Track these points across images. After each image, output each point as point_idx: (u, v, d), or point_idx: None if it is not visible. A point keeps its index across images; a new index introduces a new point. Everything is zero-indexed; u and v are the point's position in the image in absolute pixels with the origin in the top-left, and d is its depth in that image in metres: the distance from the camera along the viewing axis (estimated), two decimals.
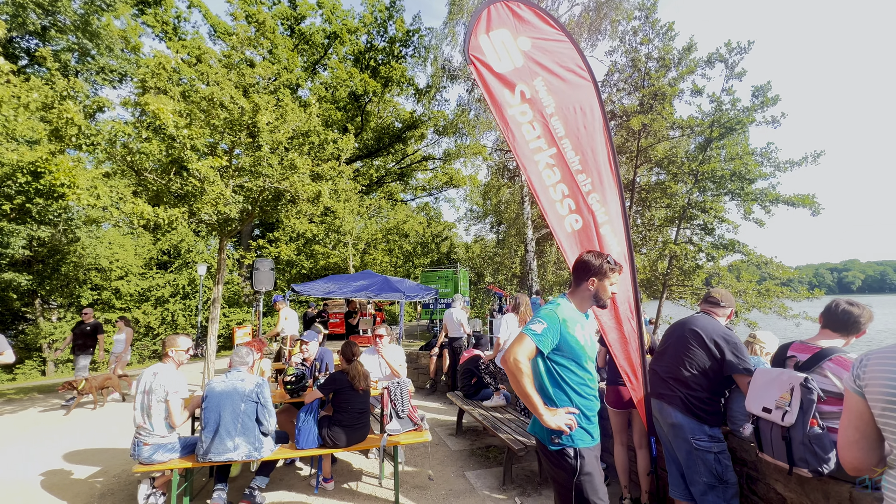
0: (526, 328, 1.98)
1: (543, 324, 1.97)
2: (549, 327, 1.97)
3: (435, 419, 5.89)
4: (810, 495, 2.21)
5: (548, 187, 2.81)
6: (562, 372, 2.01)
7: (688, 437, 2.55)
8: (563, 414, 1.93)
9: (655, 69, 11.16)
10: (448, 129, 21.18)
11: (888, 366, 1.22)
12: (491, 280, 19.69)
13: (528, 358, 1.92)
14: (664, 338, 2.98)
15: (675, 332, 2.82)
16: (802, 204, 9.21)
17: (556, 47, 2.93)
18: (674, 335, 2.80)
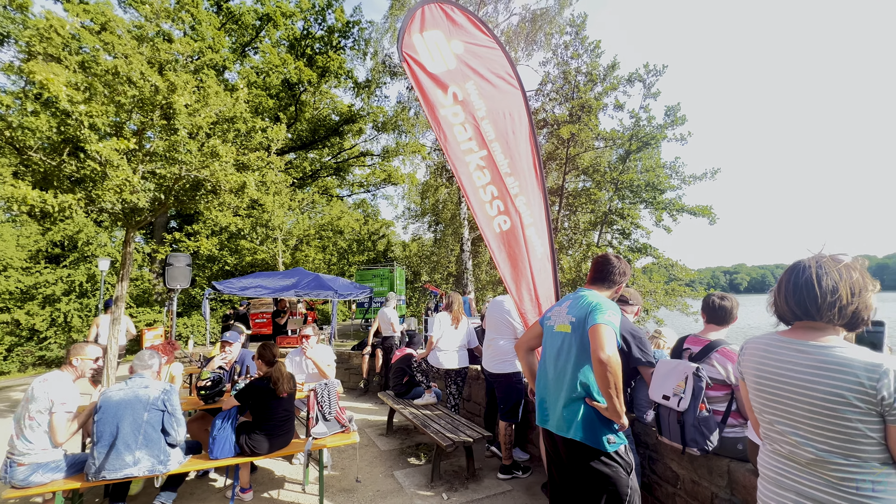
0: (606, 320, 1.85)
1: (618, 315, 1.93)
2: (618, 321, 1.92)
3: (365, 420, 5.78)
4: (698, 471, 2.50)
5: (478, 188, 2.88)
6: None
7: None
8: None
9: (584, 83, 11.96)
10: (387, 126, 20.91)
11: (756, 354, 1.41)
12: (427, 279, 19.79)
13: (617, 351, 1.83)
14: None
15: None
16: (702, 214, 10.42)
17: (487, 53, 3.01)
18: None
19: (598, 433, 1.86)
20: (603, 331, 1.81)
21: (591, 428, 1.87)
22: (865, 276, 1.25)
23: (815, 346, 1.25)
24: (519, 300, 2.91)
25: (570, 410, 1.91)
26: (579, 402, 1.91)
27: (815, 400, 1.21)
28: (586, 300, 2.01)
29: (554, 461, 2.09)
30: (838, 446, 1.18)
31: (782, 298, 1.33)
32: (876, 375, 1.12)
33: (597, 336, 1.81)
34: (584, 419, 1.88)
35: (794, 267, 1.32)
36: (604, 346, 1.77)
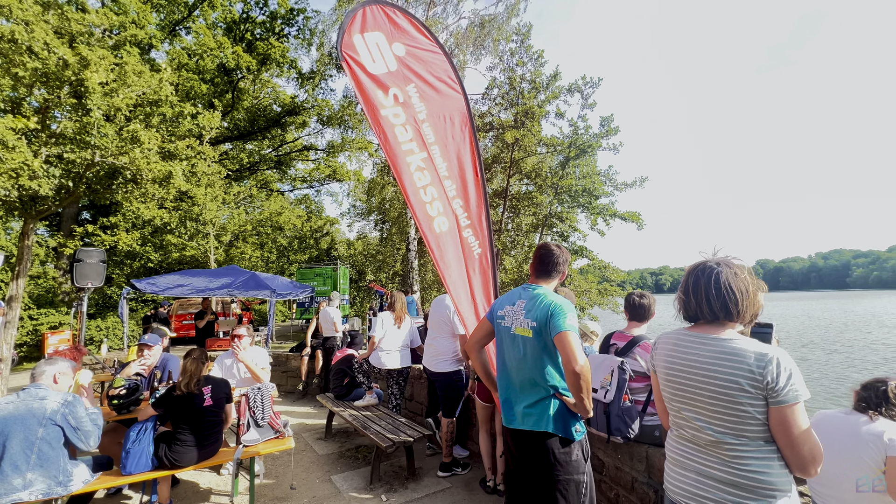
0: (569, 326, 1.92)
1: (575, 316, 2.01)
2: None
3: (303, 424, 5.58)
4: (621, 457, 2.69)
5: (419, 189, 2.89)
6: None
7: None
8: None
9: (528, 90, 12.41)
10: (333, 120, 20.29)
11: (666, 349, 1.55)
12: (373, 278, 19.49)
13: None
14: None
15: None
16: (632, 219, 11.24)
17: (429, 57, 3.04)
18: None
19: (567, 424, 1.98)
20: (571, 339, 1.88)
21: (561, 420, 1.97)
22: (754, 278, 1.42)
23: (715, 339, 1.40)
24: (457, 300, 2.95)
25: (541, 406, 2.00)
26: (549, 399, 1.99)
27: (715, 386, 1.35)
28: (543, 301, 2.04)
29: (517, 458, 2.13)
30: (732, 428, 1.33)
31: (691, 298, 1.46)
32: (763, 363, 1.28)
33: (566, 347, 1.87)
34: (555, 413, 1.98)
35: (697, 268, 1.47)
36: (576, 358, 1.84)
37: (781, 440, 1.28)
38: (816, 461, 1.27)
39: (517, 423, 2.07)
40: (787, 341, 22.46)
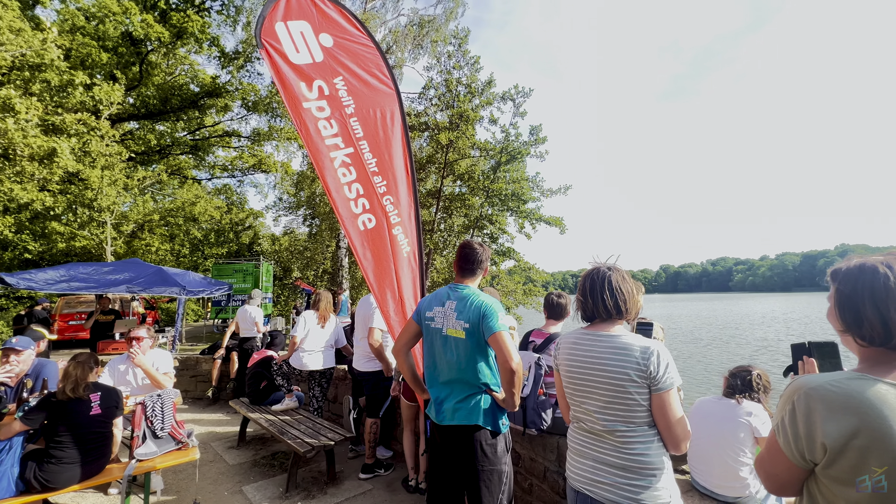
0: (502, 325, 1.98)
1: (505, 315, 2.07)
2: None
3: (212, 433, 5.15)
4: (535, 449, 2.84)
5: (342, 185, 2.81)
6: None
7: None
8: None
9: (464, 94, 12.65)
10: (259, 107, 18.98)
11: (567, 347, 1.67)
12: (299, 276, 18.58)
13: None
14: None
15: None
16: (555, 224, 11.96)
17: (360, 50, 2.97)
18: None
19: (496, 418, 2.07)
20: (506, 339, 1.97)
21: (490, 414, 2.05)
22: (634, 281, 1.65)
23: (607, 336, 1.56)
24: (381, 299, 2.92)
25: (471, 401, 2.06)
26: (479, 394, 2.07)
27: (608, 378, 1.49)
28: (475, 302, 2.08)
29: (444, 453, 2.16)
30: (622, 416, 1.48)
31: (588, 299, 1.63)
32: (647, 355, 1.45)
33: (502, 346, 1.95)
34: (486, 407, 2.05)
35: (592, 273, 1.63)
36: (512, 356, 1.95)
37: (660, 422, 1.46)
38: (686, 438, 1.47)
39: (447, 420, 2.10)
40: (681, 337, 25.40)
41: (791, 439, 0.96)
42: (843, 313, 1.02)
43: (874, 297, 0.96)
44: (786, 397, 1.01)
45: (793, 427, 0.96)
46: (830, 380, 0.95)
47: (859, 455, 0.87)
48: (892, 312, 0.94)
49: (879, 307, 0.95)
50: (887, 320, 0.94)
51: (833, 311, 1.05)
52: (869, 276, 0.99)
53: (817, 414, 0.92)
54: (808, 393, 0.95)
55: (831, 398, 0.92)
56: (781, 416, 1.01)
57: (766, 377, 2.28)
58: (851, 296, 1.00)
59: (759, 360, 15.89)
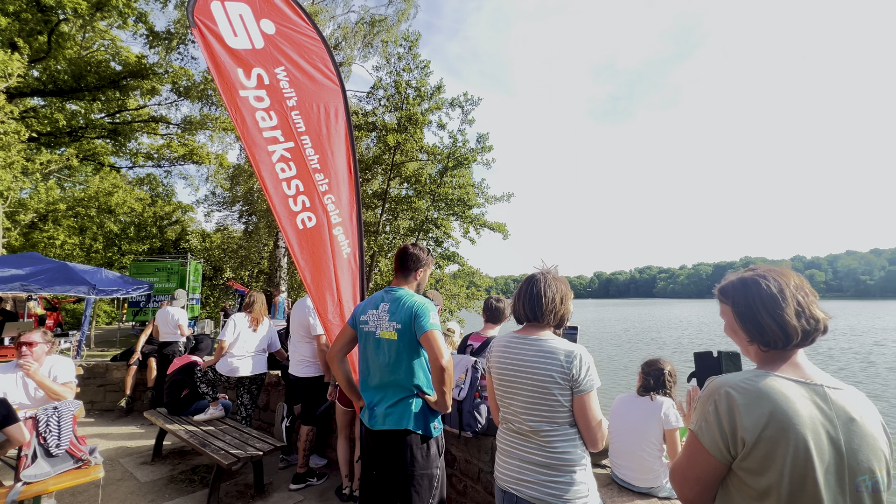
0: (433, 325, 1.98)
1: (437, 315, 2.04)
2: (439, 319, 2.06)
3: (123, 448, 4.65)
4: (470, 451, 2.88)
5: (281, 181, 2.68)
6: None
7: None
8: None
9: (413, 97, 12.64)
10: (192, 93, 17.58)
11: (498, 351, 1.72)
12: (232, 276, 17.45)
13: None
14: None
15: None
16: (499, 230, 12.30)
17: (305, 42, 2.86)
18: None
19: (427, 421, 2.05)
20: (437, 337, 1.97)
21: (422, 418, 2.03)
22: (567, 287, 1.71)
23: (536, 340, 1.62)
24: (319, 301, 2.81)
25: (402, 405, 2.04)
26: (410, 398, 2.05)
27: (535, 380, 1.56)
28: (406, 303, 2.08)
29: (376, 459, 2.13)
30: (547, 417, 1.54)
31: (519, 304, 1.69)
32: (570, 359, 1.53)
33: (432, 345, 1.96)
34: (417, 411, 2.03)
35: (529, 279, 1.69)
36: (442, 354, 1.94)
37: (581, 422, 1.55)
38: (603, 436, 1.57)
39: (379, 425, 2.08)
40: (611, 339, 27.18)
41: (717, 436, 1.01)
42: (745, 326, 1.11)
43: (766, 305, 1.07)
44: (705, 398, 1.06)
45: (717, 424, 1.01)
46: (744, 378, 1.04)
47: (769, 445, 0.96)
48: (785, 316, 1.05)
49: (773, 314, 1.06)
50: (783, 324, 1.05)
51: (734, 325, 1.14)
52: (755, 289, 1.09)
53: (736, 409, 0.99)
54: (728, 391, 1.02)
55: (747, 394, 1.00)
56: (704, 416, 1.04)
57: (674, 370, 2.50)
58: (748, 309, 1.10)
59: (674, 360, 17.39)
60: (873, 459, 0.96)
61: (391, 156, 12.66)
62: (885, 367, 15.74)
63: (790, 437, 0.95)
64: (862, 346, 22.24)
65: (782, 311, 1.05)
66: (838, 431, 0.96)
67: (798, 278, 1.10)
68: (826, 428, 0.97)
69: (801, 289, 1.08)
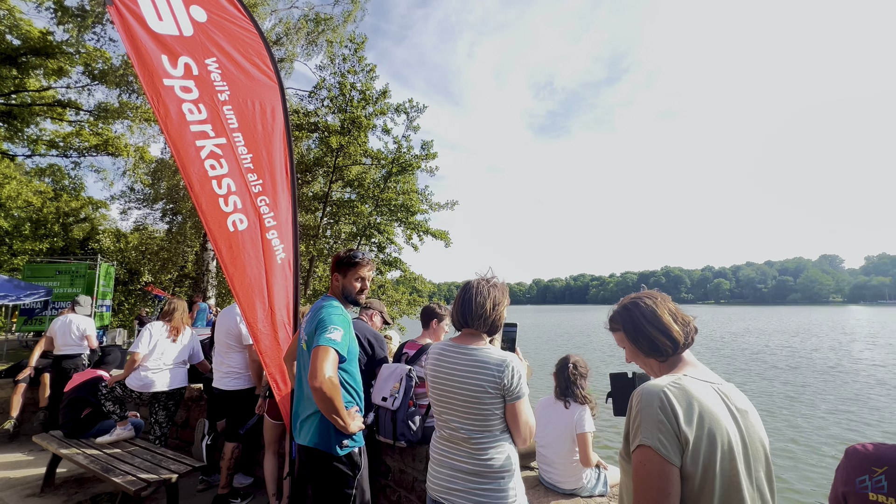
0: (326, 339, 1.85)
1: (341, 330, 1.92)
2: (346, 333, 1.94)
3: (5, 479, 4.02)
4: (405, 460, 2.85)
5: (210, 179, 2.50)
6: (346, 374, 2.01)
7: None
8: (355, 414, 1.97)
9: (358, 100, 12.43)
10: (109, 77, 15.88)
11: (434, 358, 1.73)
12: (151, 280, 15.89)
13: (336, 371, 1.84)
14: None
15: None
16: (441, 237, 12.40)
17: (240, 34, 2.71)
18: None
19: (330, 440, 1.94)
20: (320, 354, 1.79)
21: (325, 435, 1.94)
22: (504, 293, 1.73)
23: (470, 349, 1.64)
24: (248, 308, 2.65)
25: (310, 421, 1.99)
26: (316, 413, 1.95)
27: (467, 390, 1.58)
28: (319, 314, 2.01)
29: (302, 473, 2.12)
30: (479, 425, 1.57)
31: (456, 311, 1.70)
32: (502, 369, 1.56)
33: (313, 360, 1.79)
34: (320, 428, 1.94)
35: (466, 285, 1.72)
36: (315, 373, 1.75)
37: (512, 426, 1.60)
38: (531, 434, 1.62)
39: (300, 439, 2.04)
40: (548, 343, 28.39)
41: (674, 440, 1.01)
42: (639, 345, 1.25)
43: (648, 320, 1.22)
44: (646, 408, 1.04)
45: (670, 427, 1.01)
46: (670, 381, 1.09)
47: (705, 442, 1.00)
48: (666, 324, 1.20)
49: (656, 325, 1.21)
50: (667, 331, 1.20)
51: (631, 347, 1.28)
52: (636, 310, 1.26)
53: (678, 410, 1.03)
54: (665, 392, 1.05)
55: (680, 394, 1.05)
56: (655, 426, 1.02)
57: (581, 362, 2.61)
58: (636, 327, 1.24)
59: (608, 364, 18.51)
60: (763, 445, 1.08)
61: (333, 158, 12.32)
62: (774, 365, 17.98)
63: (719, 432, 1.02)
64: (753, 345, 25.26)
65: (662, 321, 1.20)
66: (740, 423, 1.07)
67: (661, 295, 1.28)
68: (734, 421, 1.06)
69: (667, 301, 1.26)
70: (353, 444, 2.00)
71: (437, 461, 1.66)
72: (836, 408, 10.91)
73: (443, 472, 1.62)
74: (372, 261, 2.26)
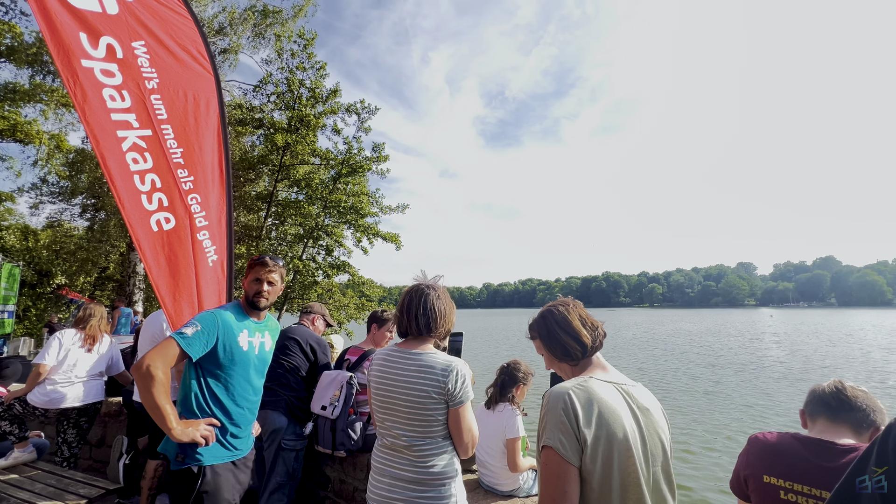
0: (177, 332, 1.78)
1: (197, 326, 1.80)
2: (202, 330, 1.80)
3: None
4: (345, 470, 2.77)
5: (132, 173, 2.29)
6: (213, 381, 1.85)
7: (281, 438, 2.67)
8: (203, 426, 1.76)
9: (307, 97, 12.02)
10: (19, 55, 14.15)
11: (378, 364, 1.69)
12: (65, 282, 14.29)
13: (167, 364, 1.68)
14: None
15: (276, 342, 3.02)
16: (392, 240, 12.28)
17: (173, 19, 2.53)
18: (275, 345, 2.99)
19: (174, 447, 1.80)
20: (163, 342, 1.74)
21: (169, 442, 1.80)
22: (450, 300, 1.73)
23: (416, 354, 1.63)
24: (176, 314, 2.45)
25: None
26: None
27: (411, 396, 1.56)
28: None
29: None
30: (421, 432, 1.56)
31: (411, 317, 1.65)
32: (447, 373, 1.55)
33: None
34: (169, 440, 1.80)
35: (412, 290, 1.69)
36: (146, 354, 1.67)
37: (454, 433, 1.59)
38: (474, 444, 1.64)
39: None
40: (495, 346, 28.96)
41: (574, 441, 1.06)
42: (553, 350, 1.32)
43: (561, 326, 1.31)
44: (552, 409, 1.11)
45: (571, 428, 1.07)
46: (575, 383, 1.17)
47: (604, 441, 1.06)
48: (576, 331, 1.28)
49: (567, 330, 1.29)
50: (577, 336, 1.28)
51: (547, 354, 1.35)
52: (550, 317, 1.34)
53: (579, 411, 1.09)
54: (569, 394, 1.12)
55: (583, 395, 1.12)
56: (557, 427, 1.07)
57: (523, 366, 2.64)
58: (550, 333, 1.32)
59: None
60: (662, 441, 1.17)
61: (280, 156, 11.82)
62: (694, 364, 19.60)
63: (617, 431, 1.09)
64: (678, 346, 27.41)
65: (573, 326, 1.29)
66: (641, 421, 1.16)
67: (574, 302, 1.37)
68: (635, 419, 1.15)
69: (578, 307, 1.35)
70: (195, 462, 1.77)
71: (378, 470, 1.62)
72: (749, 401, 12.08)
73: (383, 482, 1.58)
74: (272, 262, 2.00)
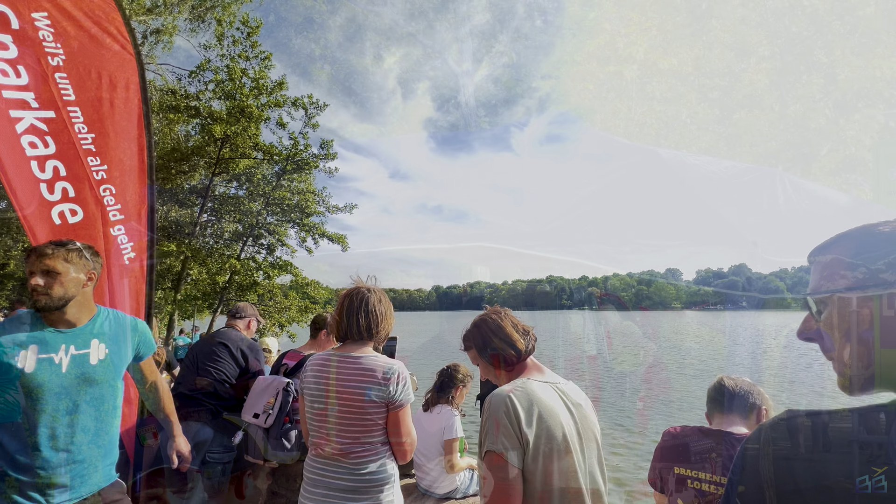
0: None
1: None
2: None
3: None
4: (278, 481, 2.63)
5: (29, 159, 2.02)
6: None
7: (206, 451, 2.48)
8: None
9: (249, 87, 11.40)
10: None
11: (314, 369, 1.62)
12: None
13: None
14: (188, 356, 2.90)
15: (202, 348, 2.81)
16: (338, 241, 11.95)
17: None
18: (201, 351, 2.78)
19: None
20: None
21: None
22: (389, 302, 1.70)
23: (355, 357, 1.57)
24: None
25: None
26: None
27: (350, 400, 1.50)
28: None
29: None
30: (359, 438, 1.50)
31: (351, 320, 1.59)
32: (388, 376, 1.52)
33: None
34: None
35: (351, 293, 1.64)
36: None
37: (393, 437, 1.56)
38: (413, 449, 1.62)
39: None
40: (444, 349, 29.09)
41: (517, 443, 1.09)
42: (487, 355, 1.36)
43: (495, 332, 1.35)
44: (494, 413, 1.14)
45: (514, 431, 1.10)
46: (514, 386, 1.22)
47: (544, 440, 1.10)
48: (509, 334, 1.33)
49: (501, 337, 1.34)
50: (511, 341, 1.33)
51: (483, 363, 1.40)
52: (484, 325, 1.39)
53: (520, 412, 1.13)
54: (510, 397, 1.16)
55: (522, 397, 1.16)
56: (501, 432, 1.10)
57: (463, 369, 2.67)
58: (484, 340, 1.36)
59: None
60: (594, 434, 1.25)
61: (218, 148, 11.09)
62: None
63: (556, 428, 1.14)
64: None
65: (506, 332, 1.34)
66: (575, 416, 1.23)
67: (504, 310, 1.44)
68: (570, 415, 1.21)
69: (510, 314, 1.41)
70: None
71: (312, 481, 1.54)
72: (669, 398, 13.11)
73: (317, 493, 1.51)
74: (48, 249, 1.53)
